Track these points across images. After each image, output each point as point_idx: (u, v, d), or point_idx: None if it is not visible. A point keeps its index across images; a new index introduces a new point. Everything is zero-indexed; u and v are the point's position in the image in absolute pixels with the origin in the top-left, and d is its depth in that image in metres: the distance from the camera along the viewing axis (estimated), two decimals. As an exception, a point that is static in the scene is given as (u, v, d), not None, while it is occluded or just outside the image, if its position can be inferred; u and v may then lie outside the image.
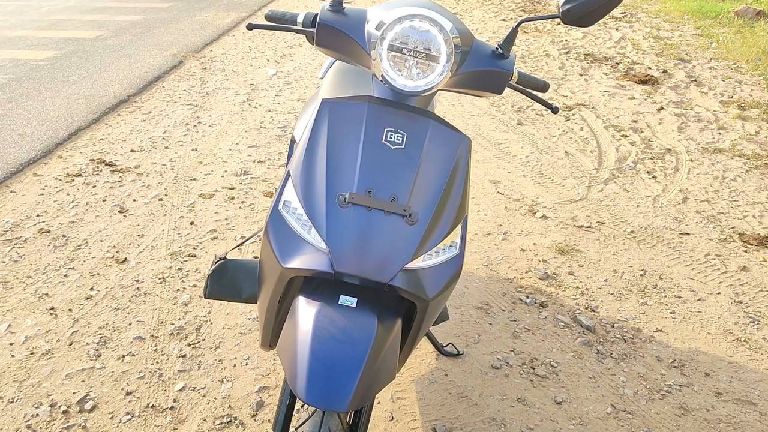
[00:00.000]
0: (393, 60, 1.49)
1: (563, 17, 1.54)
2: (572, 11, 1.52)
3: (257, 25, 1.73)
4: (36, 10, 8.18)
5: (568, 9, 1.52)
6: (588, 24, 1.55)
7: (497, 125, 4.57)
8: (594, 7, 1.52)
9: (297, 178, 1.48)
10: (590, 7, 1.52)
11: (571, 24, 1.54)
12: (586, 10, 1.52)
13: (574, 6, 1.52)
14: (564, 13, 1.53)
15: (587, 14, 1.53)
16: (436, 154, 1.51)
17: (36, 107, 4.64)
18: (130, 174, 3.68)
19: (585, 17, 1.53)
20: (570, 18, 1.54)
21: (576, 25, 1.55)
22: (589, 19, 1.54)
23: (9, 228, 3.09)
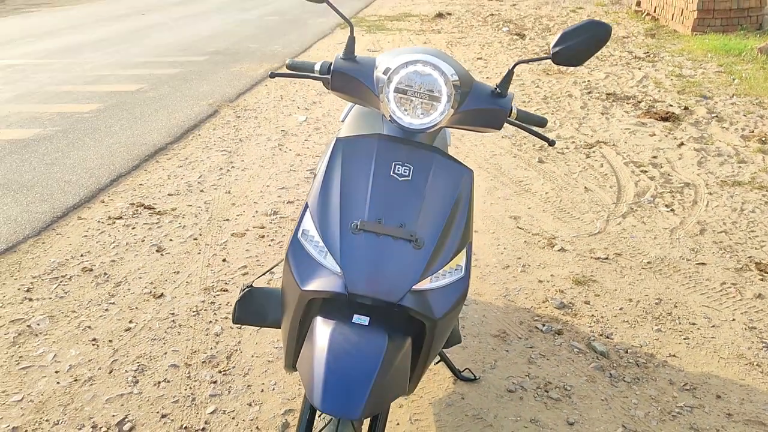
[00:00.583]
0: (399, 101, 1.66)
1: (554, 58, 1.69)
2: (561, 53, 1.68)
3: (279, 73, 1.93)
4: (81, 67, 8.68)
5: (558, 51, 1.68)
6: (577, 64, 1.70)
7: (518, 164, 4.71)
8: (581, 49, 1.67)
9: (314, 208, 1.64)
10: (577, 48, 1.67)
11: (561, 64, 1.70)
12: (574, 52, 1.67)
13: (563, 48, 1.67)
14: (554, 55, 1.68)
15: (575, 55, 1.68)
16: (440, 185, 1.65)
17: (81, 156, 4.95)
18: (168, 216, 3.90)
19: (573, 57, 1.69)
20: (560, 59, 1.69)
21: (566, 65, 1.70)
22: (577, 60, 1.69)
23: (55, 267, 3.31)
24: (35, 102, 6.79)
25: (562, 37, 1.67)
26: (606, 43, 1.68)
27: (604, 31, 1.66)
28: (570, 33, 1.66)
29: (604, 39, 1.67)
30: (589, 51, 1.68)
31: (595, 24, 1.65)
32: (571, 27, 1.67)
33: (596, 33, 1.66)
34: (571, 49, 1.67)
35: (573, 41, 1.66)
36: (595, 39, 1.66)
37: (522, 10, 13.56)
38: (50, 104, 6.64)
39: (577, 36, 1.66)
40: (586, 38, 1.66)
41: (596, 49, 1.68)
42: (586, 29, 1.66)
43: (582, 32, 1.66)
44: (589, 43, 1.66)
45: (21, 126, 5.88)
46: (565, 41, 1.67)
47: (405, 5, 15.47)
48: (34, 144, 5.32)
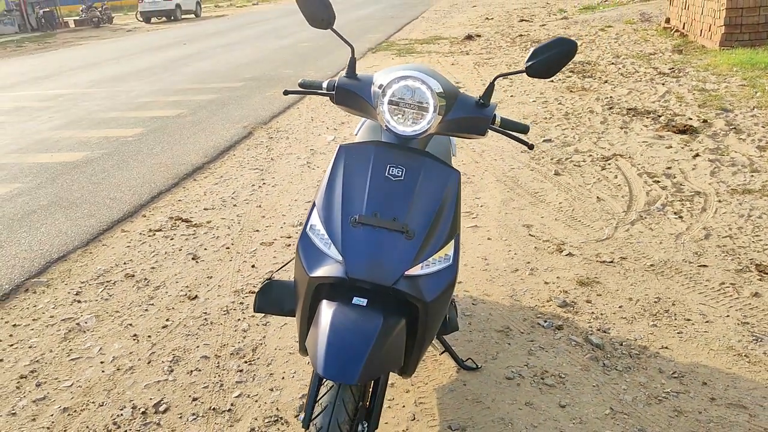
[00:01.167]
0: (393, 111, 1.91)
1: (528, 71, 1.93)
2: (534, 66, 1.91)
3: (292, 90, 2.21)
4: (126, 94, 9.20)
5: (531, 65, 1.91)
6: (548, 76, 1.93)
7: (535, 176, 4.90)
8: (551, 63, 1.90)
9: (320, 206, 1.90)
10: (548, 63, 1.90)
11: (534, 77, 1.93)
12: (545, 65, 1.91)
13: (535, 63, 1.91)
14: (528, 68, 1.92)
15: (546, 68, 1.91)
16: (429, 184, 1.89)
17: (125, 176, 5.33)
18: (203, 228, 4.21)
19: (544, 71, 1.92)
20: (533, 72, 1.92)
21: (539, 78, 1.94)
22: (547, 73, 1.92)
23: (101, 273, 3.64)
24: (84, 127, 7.26)
25: (534, 53, 1.91)
26: (573, 57, 1.91)
27: (570, 47, 1.89)
28: (541, 49, 1.90)
29: (571, 54, 1.90)
30: (558, 64, 1.91)
31: (562, 41, 1.89)
32: (542, 44, 1.90)
33: (564, 48, 1.89)
34: (542, 63, 1.90)
35: (544, 56, 1.90)
36: (563, 54, 1.89)
37: (551, 30, 13.76)
38: (97, 129, 7.10)
39: (548, 51, 1.89)
40: (555, 53, 1.89)
41: (564, 62, 1.91)
42: (554, 45, 1.89)
43: (551, 48, 1.89)
44: (558, 58, 1.90)
45: (71, 150, 6.33)
46: (537, 56, 1.90)
47: (436, 29, 15.83)
48: (83, 165, 5.74)
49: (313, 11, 2.07)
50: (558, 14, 16.81)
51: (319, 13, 2.08)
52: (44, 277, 3.65)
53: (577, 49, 1.91)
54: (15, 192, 5.14)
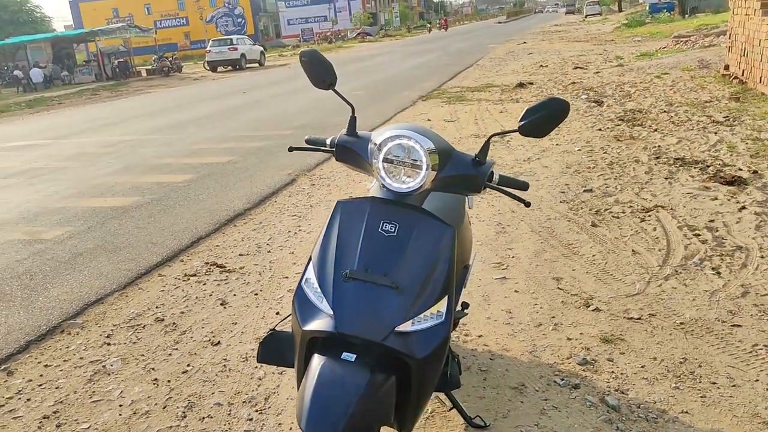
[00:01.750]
0: (387, 169, 1.95)
1: (520, 130, 1.94)
2: (526, 126, 1.92)
3: (297, 147, 2.29)
4: (183, 141, 9.59)
5: (524, 124, 1.92)
6: (541, 135, 1.94)
7: (572, 227, 4.83)
8: (543, 122, 1.91)
9: (315, 260, 1.94)
10: (541, 122, 1.91)
11: (527, 135, 1.94)
12: (537, 125, 1.92)
13: (528, 122, 1.92)
14: (521, 128, 1.93)
15: (539, 128, 1.92)
16: (422, 240, 1.91)
17: (169, 221, 5.53)
18: (235, 273, 4.31)
19: (537, 130, 1.93)
20: (526, 131, 1.94)
21: (532, 137, 1.94)
22: (540, 132, 1.93)
23: (133, 317, 3.77)
24: (138, 173, 7.59)
25: (526, 113, 1.92)
26: (566, 117, 1.91)
27: (562, 107, 1.89)
28: (533, 109, 1.91)
29: (563, 113, 1.90)
30: (551, 124, 1.92)
31: (554, 101, 1.90)
32: (535, 104, 1.91)
33: (556, 108, 1.90)
34: (534, 122, 1.91)
35: (536, 116, 1.91)
36: (556, 113, 1.90)
37: (605, 77, 13.65)
38: (150, 175, 7.41)
39: (540, 111, 1.90)
40: (547, 113, 1.90)
41: (557, 122, 1.91)
42: (547, 105, 1.90)
43: (544, 108, 1.90)
44: (551, 117, 1.91)
45: (123, 194, 6.62)
46: (530, 116, 1.92)
47: (489, 76, 15.94)
48: (132, 210, 5.99)
49: (316, 73, 2.17)
50: (614, 61, 16.69)
51: (322, 75, 2.16)
52: (80, 319, 3.80)
53: (569, 108, 1.91)
54: (66, 235, 5.40)
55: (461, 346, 3.22)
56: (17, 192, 7.35)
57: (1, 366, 3.32)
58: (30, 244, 5.24)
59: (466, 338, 3.31)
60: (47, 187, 7.45)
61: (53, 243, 5.22)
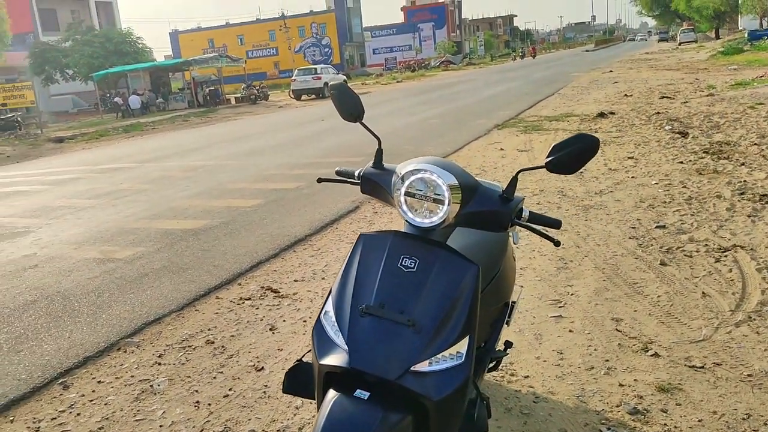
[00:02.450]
0: (409, 203, 1.92)
1: (547, 166, 1.86)
2: (554, 162, 1.84)
3: (325, 179, 2.29)
4: (257, 167, 9.87)
5: (551, 160, 1.84)
6: (570, 172, 1.85)
7: (638, 265, 4.60)
8: (571, 159, 1.82)
9: (334, 293, 1.92)
10: (569, 159, 1.82)
11: (554, 172, 1.86)
12: (565, 161, 1.83)
13: (555, 158, 1.83)
14: (548, 164, 1.85)
15: (566, 164, 1.83)
16: (442, 277, 1.85)
17: (233, 244, 5.67)
18: (288, 299, 4.35)
19: (565, 167, 1.84)
20: (553, 167, 1.85)
21: (559, 173, 1.86)
22: (568, 168, 1.84)
23: (186, 338, 3.86)
24: (212, 197, 7.85)
25: (554, 149, 1.84)
26: (595, 154, 1.82)
27: (591, 143, 1.80)
28: (561, 145, 1.83)
29: (592, 150, 1.81)
30: (579, 161, 1.83)
31: (583, 137, 1.81)
32: (563, 140, 1.83)
33: (585, 145, 1.80)
34: (562, 159, 1.83)
35: (564, 152, 1.82)
36: (585, 150, 1.81)
37: (693, 107, 13.09)
38: (222, 199, 7.64)
39: (568, 147, 1.82)
40: (575, 149, 1.81)
41: (586, 159, 1.82)
42: (575, 141, 1.81)
43: (572, 144, 1.82)
44: (579, 154, 1.81)
45: (195, 217, 6.85)
46: (557, 152, 1.83)
47: (569, 105, 15.62)
48: (201, 233, 6.18)
49: (344, 106, 2.17)
50: (705, 91, 16.00)
51: (350, 108, 2.17)
52: (137, 338, 3.92)
53: (599, 145, 1.82)
54: (137, 255, 5.63)
55: (504, 387, 3.09)
56: (100, 212, 7.75)
57: (59, 379, 3.47)
58: (103, 263, 5.49)
59: (511, 378, 3.18)
60: (127, 208, 7.82)
61: (124, 262, 5.45)
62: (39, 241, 6.51)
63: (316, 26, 69.49)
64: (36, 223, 7.40)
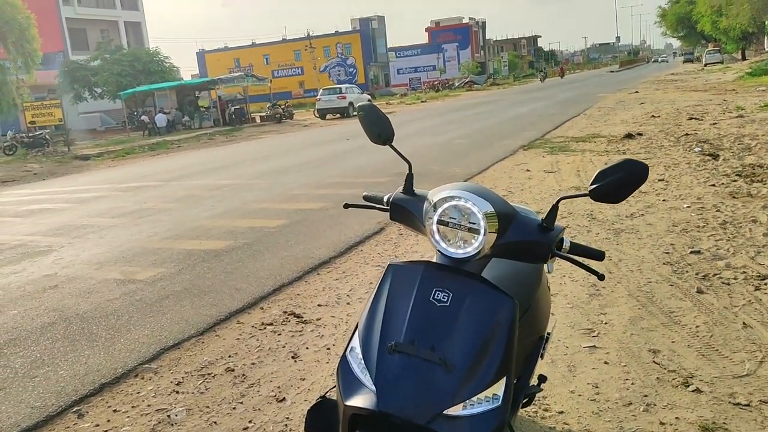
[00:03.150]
0: (442, 232, 1.79)
1: (592, 195, 1.72)
2: (598, 190, 1.71)
3: (353, 204, 2.18)
4: (282, 186, 9.82)
5: (595, 188, 1.71)
6: (615, 201, 1.72)
7: (674, 293, 4.41)
8: (617, 187, 1.69)
9: (361, 328, 1.79)
10: (614, 186, 1.69)
11: (599, 201, 1.72)
12: (611, 189, 1.70)
13: (600, 186, 1.70)
14: (592, 192, 1.72)
15: (612, 192, 1.70)
16: (476, 312, 1.72)
17: (256, 266, 5.58)
18: (311, 325, 4.23)
19: (610, 195, 1.71)
20: (597, 195, 1.72)
21: (604, 202, 1.72)
22: (614, 197, 1.71)
23: (205, 365, 3.75)
24: (236, 217, 7.79)
25: (598, 176, 1.71)
26: (644, 182, 1.68)
27: (640, 171, 1.67)
28: (606, 171, 1.70)
29: (640, 178, 1.67)
30: (626, 189, 1.69)
31: (630, 163, 1.67)
32: (608, 165, 1.70)
33: (633, 172, 1.67)
34: (607, 187, 1.70)
35: (609, 179, 1.69)
36: (632, 178, 1.67)
37: (722, 129, 12.83)
38: (247, 219, 7.58)
39: (614, 174, 1.69)
40: (622, 176, 1.68)
41: (634, 187, 1.69)
42: (622, 168, 1.68)
43: (618, 171, 1.68)
44: (626, 182, 1.68)
45: (218, 238, 6.79)
46: (602, 179, 1.70)
47: (596, 126, 15.42)
48: (224, 254, 6.11)
49: (373, 128, 2.07)
50: (734, 112, 15.69)
51: (379, 130, 2.06)
52: (155, 364, 3.83)
53: (648, 173, 1.68)
54: (158, 277, 5.56)
55: (538, 423, 2.93)
56: (123, 231, 7.73)
57: (74, 407, 3.37)
58: (123, 284, 5.43)
59: (544, 413, 3.02)
60: (150, 227, 7.79)
61: (144, 284, 5.38)
62: (61, 260, 6.48)
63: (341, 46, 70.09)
64: (58, 242, 7.40)
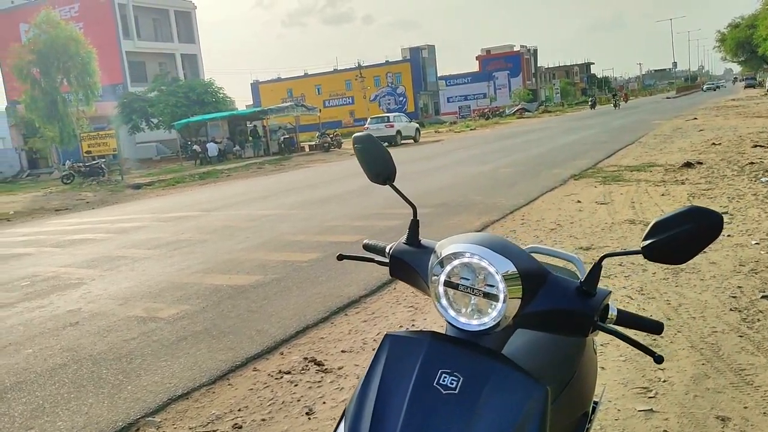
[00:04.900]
0: (451, 296, 1.41)
1: (644, 253, 1.31)
2: (654, 246, 1.29)
3: (347, 255, 1.81)
4: (320, 217, 9.54)
5: (649, 244, 1.29)
6: (676, 262, 1.29)
7: (745, 345, 3.86)
8: (680, 243, 1.26)
9: (348, 418, 1.41)
10: (675, 243, 1.27)
11: (655, 261, 1.30)
12: (671, 247, 1.27)
13: (656, 241, 1.28)
14: (644, 249, 1.30)
15: (673, 251, 1.28)
16: (497, 403, 1.31)
17: (281, 305, 5.24)
18: (332, 375, 3.85)
19: (670, 254, 1.28)
20: (652, 254, 1.30)
21: (661, 263, 1.30)
22: (676, 257, 1.28)
23: (212, 420, 3.40)
24: (269, 249, 7.52)
25: (655, 228, 1.29)
26: (717, 236, 1.26)
27: (711, 222, 1.24)
28: (665, 222, 1.28)
29: (712, 232, 1.25)
30: (692, 247, 1.27)
31: (698, 212, 1.25)
32: (667, 215, 1.28)
33: (701, 224, 1.25)
34: (666, 243, 1.27)
35: (670, 233, 1.27)
36: (700, 232, 1.25)
37: (790, 157, 12.01)
38: (279, 252, 7.29)
39: (676, 227, 1.27)
40: (686, 230, 1.26)
41: (702, 244, 1.26)
42: (686, 219, 1.26)
43: (681, 221, 1.26)
44: (692, 237, 1.26)
45: (248, 272, 6.50)
46: (660, 233, 1.28)
47: (652, 155, 14.72)
48: (251, 290, 5.81)
49: (371, 164, 1.70)
50: (803, 138, 14.77)
51: (378, 167, 1.69)
52: (159, 416, 3.50)
53: (722, 225, 1.25)
54: (180, 315, 5.28)
55: None
56: (155, 264, 7.54)
57: (64, 468, 3.07)
58: (144, 322, 5.17)
59: (590, 498, 2.54)
60: (183, 260, 7.58)
61: (165, 323, 5.10)
62: (88, 294, 6.30)
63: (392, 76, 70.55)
64: (90, 275, 7.25)
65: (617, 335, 1.41)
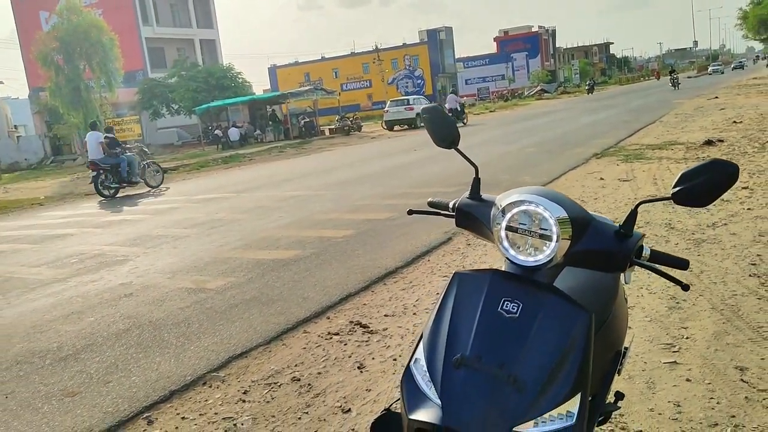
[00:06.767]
0: (511, 239, 1.70)
1: (674, 198, 1.60)
2: (682, 193, 1.58)
3: (416, 210, 2.11)
4: (349, 197, 9.86)
5: (679, 191, 1.58)
6: (700, 204, 1.59)
7: (762, 306, 4.11)
8: (703, 189, 1.56)
9: (426, 339, 1.72)
10: (700, 189, 1.56)
11: (682, 204, 1.60)
12: (696, 192, 1.57)
13: (684, 189, 1.57)
14: (674, 195, 1.59)
15: (697, 196, 1.57)
16: (550, 325, 1.61)
17: (323, 276, 5.58)
18: (377, 335, 4.18)
19: (696, 198, 1.58)
20: (681, 199, 1.59)
21: (688, 206, 1.59)
22: (700, 200, 1.58)
23: (271, 374, 3.75)
24: (304, 227, 7.86)
25: (682, 178, 1.59)
26: (734, 183, 1.55)
27: (729, 171, 1.54)
28: (691, 173, 1.57)
29: (730, 179, 1.54)
30: (713, 192, 1.56)
31: (718, 164, 1.55)
32: (693, 167, 1.57)
33: (721, 173, 1.54)
34: (692, 189, 1.57)
35: (695, 182, 1.57)
36: (720, 179, 1.54)
37: (813, 133, 12.09)
38: (314, 229, 7.63)
39: (700, 176, 1.56)
40: (708, 178, 1.55)
41: (722, 190, 1.56)
42: (708, 169, 1.55)
43: (704, 172, 1.56)
44: (713, 184, 1.55)
45: (287, 248, 6.85)
46: (686, 182, 1.58)
47: (673, 133, 14.83)
48: (291, 263, 6.15)
49: (438, 132, 2.00)
50: (825, 115, 14.78)
51: (444, 133, 1.99)
52: (223, 372, 3.86)
53: (738, 174, 1.54)
54: (228, 285, 5.64)
55: (615, 443, 2.77)
56: (195, 241, 7.92)
57: (144, 414, 3.43)
58: (194, 293, 5.54)
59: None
60: (221, 237, 7.95)
61: (214, 293, 5.47)
62: (136, 269, 6.68)
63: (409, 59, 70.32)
64: (134, 252, 7.65)
65: (650, 269, 1.72)
